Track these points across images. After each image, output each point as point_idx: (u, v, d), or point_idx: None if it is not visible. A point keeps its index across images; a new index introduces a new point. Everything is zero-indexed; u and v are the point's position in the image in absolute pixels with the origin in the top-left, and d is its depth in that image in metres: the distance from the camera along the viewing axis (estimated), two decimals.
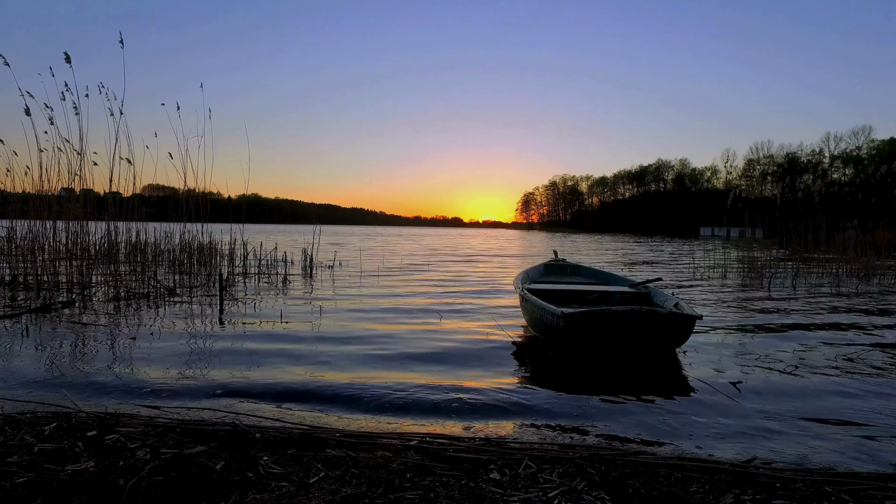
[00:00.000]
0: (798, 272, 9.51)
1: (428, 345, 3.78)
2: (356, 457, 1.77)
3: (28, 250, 6.34)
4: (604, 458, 1.81)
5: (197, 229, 7.68)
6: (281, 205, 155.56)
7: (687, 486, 1.62)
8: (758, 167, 77.53)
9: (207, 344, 3.68)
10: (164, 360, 3.19)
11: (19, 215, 6.68)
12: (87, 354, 3.32)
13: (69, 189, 6.67)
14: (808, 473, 1.74)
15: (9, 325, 4.12)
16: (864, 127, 65.89)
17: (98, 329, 4.06)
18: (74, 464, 1.63)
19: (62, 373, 2.90)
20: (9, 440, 1.81)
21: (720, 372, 3.16)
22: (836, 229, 11.53)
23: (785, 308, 5.86)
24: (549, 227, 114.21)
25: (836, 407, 2.57)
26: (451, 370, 3.12)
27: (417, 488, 1.56)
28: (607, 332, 3.35)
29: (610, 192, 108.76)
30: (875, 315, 5.45)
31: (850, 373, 3.18)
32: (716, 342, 3.97)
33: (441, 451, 1.83)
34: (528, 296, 4.07)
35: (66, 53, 6.04)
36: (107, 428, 1.92)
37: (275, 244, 10.75)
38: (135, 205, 7.26)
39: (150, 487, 1.49)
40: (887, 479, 1.70)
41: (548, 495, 1.53)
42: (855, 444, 2.13)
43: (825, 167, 69.29)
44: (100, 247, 6.74)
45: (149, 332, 4.01)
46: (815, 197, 11.46)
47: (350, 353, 3.49)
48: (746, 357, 3.54)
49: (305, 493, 1.51)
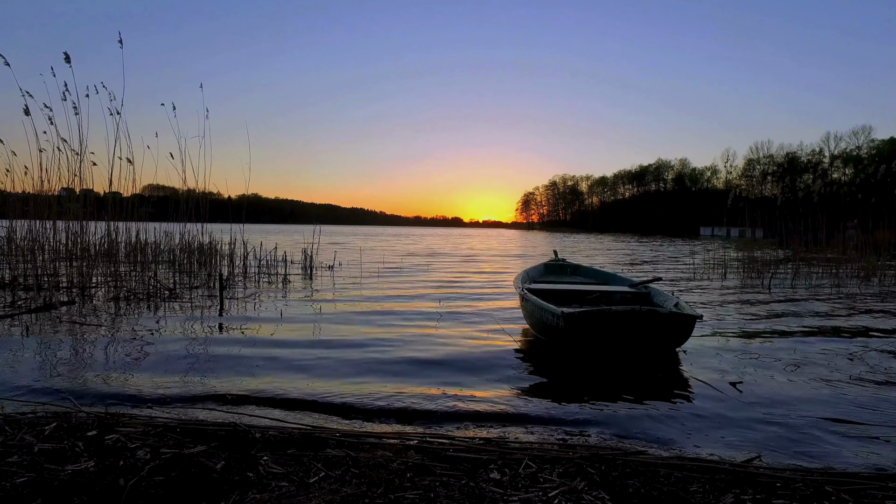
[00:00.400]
0: (798, 272, 9.51)
1: (428, 345, 3.78)
2: (356, 456, 1.77)
3: (28, 250, 6.34)
4: (604, 457, 1.81)
5: (197, 229, 7.69)
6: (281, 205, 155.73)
7: (687, 486, 1.62)
8: (758, 167, 77.56)
9: (207, 344, 3.68)
10: (164, 360, 3.19)
11: (19, 215, 6.68)
12: (88, 354, 3.32)
13: (69, 189, 6.67)
14: (808, 473, 1.74)
15: (9, 325, 4.12)
16: (864, 127, 65.95)
17: (98, 329, 4.06)
18: (74, 464, 1.63)
19: (62, 373, 2.90)
20: (9, 440, 1.81)
21: (720, 372, 3.15)
22: (836, 229, 11.53)
23: (785, 308, 5.86)
24: (550, 226, 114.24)
25: (837, 406, 2.57)
26: (451, 370, 3.12)
27: (417, 488, 1.56)
28: (607, 332, 3.35)
29: (610, 192, 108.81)
30: (875, 315, 5.45)
31: (851, 372, 3.18)
32: (716, 342, 3.97)
33: (441, 451, 1.83)
34: (528, 296, 4.07)
35: (65, 53, 6.05)
36: (107, 428, 1.92)
37: (275, 244, 10.75)
38: (135, 205, 7.27)
39: (150, 487, 1.49)
40: (887, 479, 1.70)
41: (548, 495, 1.53)
42: (855, 443, 2.13)
43: (825, 167, 69.29)
44: (100, 247, 6.74)
45: (149, 332, 4.01)
46: (814, 196, 11.47)
47: (350, 353, 3.49)
48: (746, 357, 3.54)
49: (306, 492, 1.51)
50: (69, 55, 6.06)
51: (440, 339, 3.99)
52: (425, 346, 3.75)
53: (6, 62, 5.93)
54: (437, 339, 3.99)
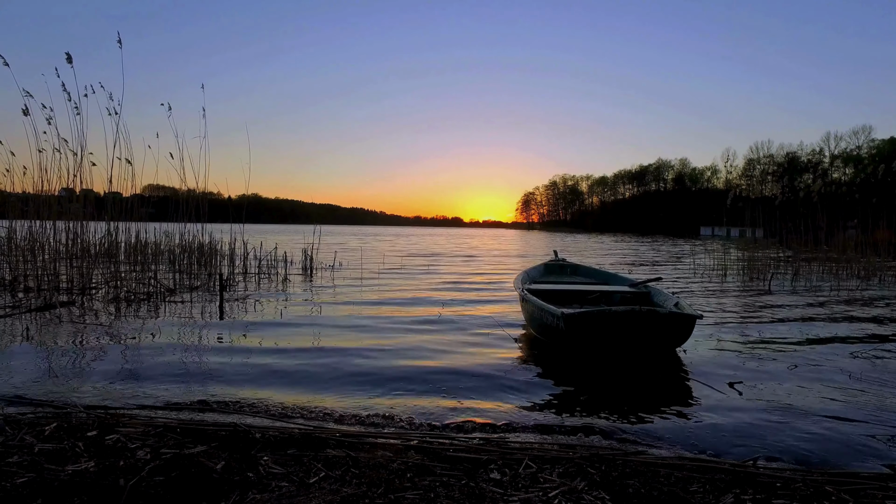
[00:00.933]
0: (798, 272, 9.51)
1: (428, 346, 3.78)
2: (356, 456, 1.77)
3: (28, 251, 6.34)
4: (604, 457, 1.81)
5: (197, 229, 7.69)
6: (281, 205, 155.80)
7: (687, 486, 1.62)
8: (758, 167, 77.56)
9: (208, 344, 3.68)
10: (164, 361, 3.19)
11: (19, 215, 6.68)
12: (88, 355, 3.32)
13: (69, 189, 6.67)
14: (809, 473, 1.74)
15: (9, 325, 4.12)
16: (864, 126, 65.98)
17: (98, 329, 4.06)
18: (75, 464, 1.63)
19: (62, 373, 2.90)
20: (9, 440, 1.81)
21: (720, 371, 3.15)
22: (836, 229, 11.53)
23: (785, 308, 5.86)
24: (550, 226, 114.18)
25: (837, 406, 2.57)
26: (450, 370, 3.12)
27: (418, 488, 1.56)
28: (607, 333, 3.35)
29: (610, 192, 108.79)
30: (877, 315, 5.45)
31: (852, 372, 3.18)
32: (716, 342, 3.97)
33: (441, 451, 1.83)
34: (528, 296, 4.07)
35: (67, 54, 6.04)
36: (107, 428, 1.93)
37: (275, 244, 10.75)
38: (135, 205, 7.26)
39: (150, 487, 1.49)
40: (888, 479, 1.70)
41: (548, 495, 1.53)
42: (856, 443, 2.13)
43: (825, 167, 69.31)
44: (100, 247, 6.74)
45: (149, 332, 4.01)
46: (814, 196, 11.46)
47: (351, 354, 3.49)
48: (747, 357, 3.54)
49: (306, 493, 1.51)
50: (70, 55, 6.05)
51: (440, 339, 3.99)
52: (425, 346, 3.75)
53: (5, 62, 5.93)
54: (437, 339, 3.99)
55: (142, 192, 7.66)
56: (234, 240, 8.23)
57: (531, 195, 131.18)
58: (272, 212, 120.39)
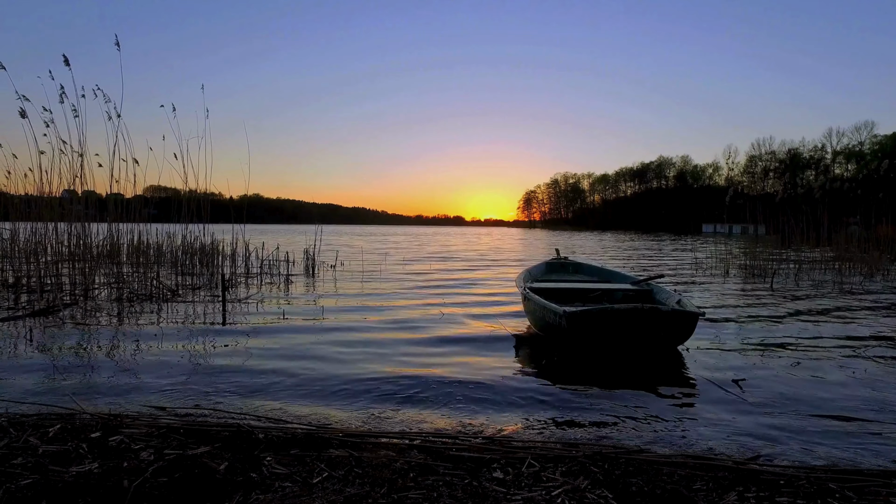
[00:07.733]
0: (801, 269, 9.48)
1: (428, 346, 3.78)
2: (359, 456, 1.77)
3: (31, 252, 6.35)
4: (607, 456, 1.81)
5: (199, 230, 7.70)
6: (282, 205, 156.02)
7: (690, 484, 1.62)
8: (760, 163, 77.39)
9: (210, 345, 3.69)
10: (166, 362, 3.20)
11: (21, 217, 6.70)
12: (91, 356, 3.33)
13: (71, 191, 6.68)
14: (812, 470, 1.74)
15: (12, 327, 4.13)
16: (866, 122, 65.94)
17: (101, 330, 4.07)
18: (79, 465, 1.63)
19: (66, 374, 2.91)
20: (13, 442, 1.81)
21: (723, 369, 3.15)
22: (838, 225, 11.48)
23: (788, 304, 5.84)
24: (551, 225, 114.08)
25: (840, 403, 2.56)
26: (453, 370, 3.12)
27: (421, 487, 1.56)
28: (610, 331, 3.34)
29: (612, 190, 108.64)
30: (879, 311, 5.43)
31: (854, 369, 3.17)
32: (718, 339, 3.96)
33: (444, 451, 1.83)
34: (531, 294, 4.07)
35: (64, 56, 6.05)
36: (111, 429, 1.93)
37: (276, 244, 10.76)
38: (136, 206, 7.28)
39: (154, 488, 1.49)
40: (891, 476, 1.70)
41: (551, 494, 1.53)
42: (859, 440, 2.12)
43: (827, 163, 69.10)
44: (102, 248, 6.75)
45: (152, 333, 4.02)
46: (816, 193, 11.40)
47: (353, 354, 3.49)
48: (749, 354, 3.53)
49: (309, 493, 1.51)
50: (67, 58, 6.06)
51: (440, 339, 3.99)
52: (425, 346, 3.76)
53: (2, 66, 5.92)
54: (437, 339, 3.99)
55: (144, 194, 7.67)
56: (236, 240, 8.25)
57: (532, 193, 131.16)
58: (274, 212, 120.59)
